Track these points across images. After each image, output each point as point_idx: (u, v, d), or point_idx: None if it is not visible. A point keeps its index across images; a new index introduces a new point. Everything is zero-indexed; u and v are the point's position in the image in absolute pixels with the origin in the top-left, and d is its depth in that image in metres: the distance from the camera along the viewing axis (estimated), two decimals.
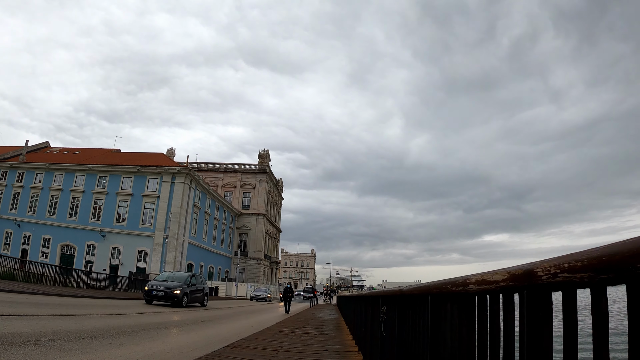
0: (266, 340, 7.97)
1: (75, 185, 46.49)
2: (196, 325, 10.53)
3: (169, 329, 9.23)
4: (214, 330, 9.89)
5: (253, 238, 64.95)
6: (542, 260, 1.08)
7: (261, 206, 66.33)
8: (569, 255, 0.95)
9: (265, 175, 67.57)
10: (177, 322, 11.15)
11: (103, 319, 9.78)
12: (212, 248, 53.88)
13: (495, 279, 1.31)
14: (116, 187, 45.20)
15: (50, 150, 58.08)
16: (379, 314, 4.16)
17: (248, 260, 63.41)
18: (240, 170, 67.99)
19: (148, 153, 52.89)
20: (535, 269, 1.07)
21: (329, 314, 21.80)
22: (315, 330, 10.62)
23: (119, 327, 8.11)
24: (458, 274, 2.05)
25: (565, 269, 0.92)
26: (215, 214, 54.58)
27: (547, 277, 1.00)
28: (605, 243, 0.85)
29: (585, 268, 0.86)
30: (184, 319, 12.10)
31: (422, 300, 2.53)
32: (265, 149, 68.95)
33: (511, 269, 1.23)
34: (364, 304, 6.36)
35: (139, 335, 7.42)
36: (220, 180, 66.90)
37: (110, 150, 55.58)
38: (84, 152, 55.68)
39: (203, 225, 50.65)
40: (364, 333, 5.79)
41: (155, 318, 11.58)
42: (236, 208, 64.11)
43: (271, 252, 73.60)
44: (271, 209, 72.74)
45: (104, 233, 43.51)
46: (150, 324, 9.60)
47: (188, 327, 9.93)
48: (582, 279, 0.88)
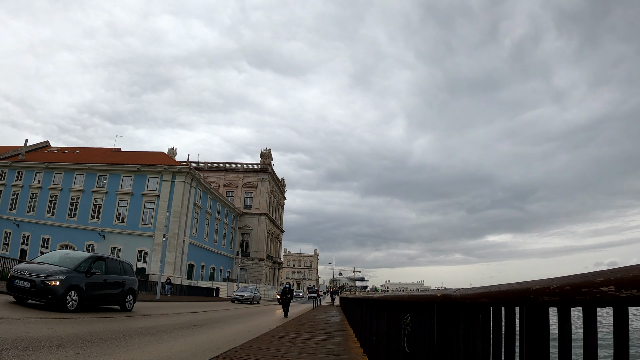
0: (262, 348, 7.07)
1: (74, 184, 45.83)
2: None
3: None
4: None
5: (255, 238, 64.12)
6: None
7: (263, 206, 65.50)
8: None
9: (267, 175, 66.73)
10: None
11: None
12: (213, 248, 53.09)
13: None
14: (116, 187, 44.51)
15: (50, 150, 57.50)
16: (401, 324, 3.27)
17: (250, 261, 62.58)
18: (242, 170, 67.20)
19: (148, 152, 52.20)
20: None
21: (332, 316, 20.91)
22: (317, 335, 9.70)
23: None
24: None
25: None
26: (216, 213, 53.80)
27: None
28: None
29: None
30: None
31: (480, 310, 1.65)
32: (267, 148, 68.18)
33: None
34: (376, 309, 5.46)
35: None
36: (222, 180, 66.14)
37: (111, 150, 54.92)
38: (84, 151, 55.06)
39: (204, 225, 49.87)
40: (377, 346, 4.87)
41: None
42: (238, 208, 63.31)
43: (273, 252, 72.76)
44: (273, 209, 71.90)
45: (103, 233, 42.80)
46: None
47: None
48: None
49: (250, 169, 67.26)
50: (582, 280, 0.97)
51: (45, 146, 59.42)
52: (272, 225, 70.25)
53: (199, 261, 48.52)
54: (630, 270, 0.83)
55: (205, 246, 49.95)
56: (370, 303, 6.34)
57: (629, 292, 0.81)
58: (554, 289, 1.08)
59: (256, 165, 67.69)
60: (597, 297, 0.90)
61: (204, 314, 16.17)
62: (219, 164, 68.27)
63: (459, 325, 1.86)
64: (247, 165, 68.06)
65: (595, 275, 0.92)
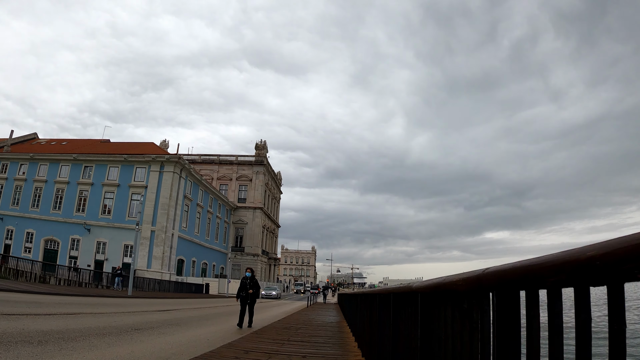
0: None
1: (59, 176, 43.75)
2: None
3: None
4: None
5: (250, 233, 62.06)
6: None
7: (258, 199, 63.40)
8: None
9: (263, 167, 64.56)
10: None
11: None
12: (205, 243, 51.06)
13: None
14: (102, 178, 42.43)
15: (38, 142, 55.32)
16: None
17: (244, 256, 60.59)
18: (236, 162, 64.97)
19: (138, 143, 50.06)
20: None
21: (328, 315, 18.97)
22: (305, 347, 7.41)
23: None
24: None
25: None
26: (209, 207, 51.73)
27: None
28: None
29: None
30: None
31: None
32: (262, 140, 65.86)
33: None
34: (392, 311, 3.48)
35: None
36: (215, 173, 63.98)
37: (99, 141, 52.78)
38: (72, 142, 52.93)
39: (195, 218, 47.81)
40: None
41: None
42: (232, 201, 61.22)
43: (269, 247, 70.72)
44: (269, 203, 69.79)
45: (88, 226, 40.75)
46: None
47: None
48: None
49: (244, 162, 65.02)
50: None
51: (33, 138, 57.25)
52: (267, 220, 68.17)
53: (190, 256, 46.47)
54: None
55: (196, 240, 47.91)
56: (382, 300, 4.33)
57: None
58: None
59: (251, 157, 65.43)
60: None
61: (167, 314, 13.71)
62: (212, 157, 66.03)
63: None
64: (241, 157, 65.78)
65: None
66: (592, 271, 0.78)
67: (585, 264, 0.79)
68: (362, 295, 7.79)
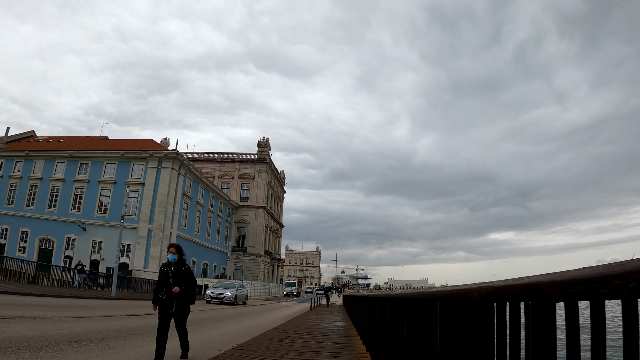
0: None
1: (55, 173, 42.28)
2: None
3: None
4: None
5: (252, 232, 60.29)
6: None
7: (261, 198, 61.63)
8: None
9: (265, 165, 62.79)
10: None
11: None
12: (205, 242, 49.35)
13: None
14: (98, 175, 40.86)
15: (35, 139, 53.98)
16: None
17: (246, 257, 58.85)
18: (238, 160, 63.23)
19: (136, 139, 48.46)
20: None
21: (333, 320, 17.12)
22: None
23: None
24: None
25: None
26: (209, 205, 50.04)
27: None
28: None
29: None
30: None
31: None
32: (265, 137, 64.05)
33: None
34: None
35: None
36: (217, 171, 62.32)
37: (97, 138, 51.35)
38: (69, 139, 51.50)
39: (195, 217, 46.12)
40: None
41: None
42: (233, 200, 59.51)
43: (272, 248, 68.92)
44: (272, 202, 68.03)
45: (84, 225, 39.17)
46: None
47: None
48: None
49: (246, 159, 63.28)
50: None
51: (30, 136, 55.93)
52: (270, 219, 66.39)
53: (189, 256, 44.70)
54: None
55: (195, 240, 46.21)
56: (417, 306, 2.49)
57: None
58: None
59: (253, 155, 63.64)
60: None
61: (140, 320, 11.63)
62: (213, 154, 64.35)
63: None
64: (243, 155, 64.01)
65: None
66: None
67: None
68: (384, 300, 5.24)
